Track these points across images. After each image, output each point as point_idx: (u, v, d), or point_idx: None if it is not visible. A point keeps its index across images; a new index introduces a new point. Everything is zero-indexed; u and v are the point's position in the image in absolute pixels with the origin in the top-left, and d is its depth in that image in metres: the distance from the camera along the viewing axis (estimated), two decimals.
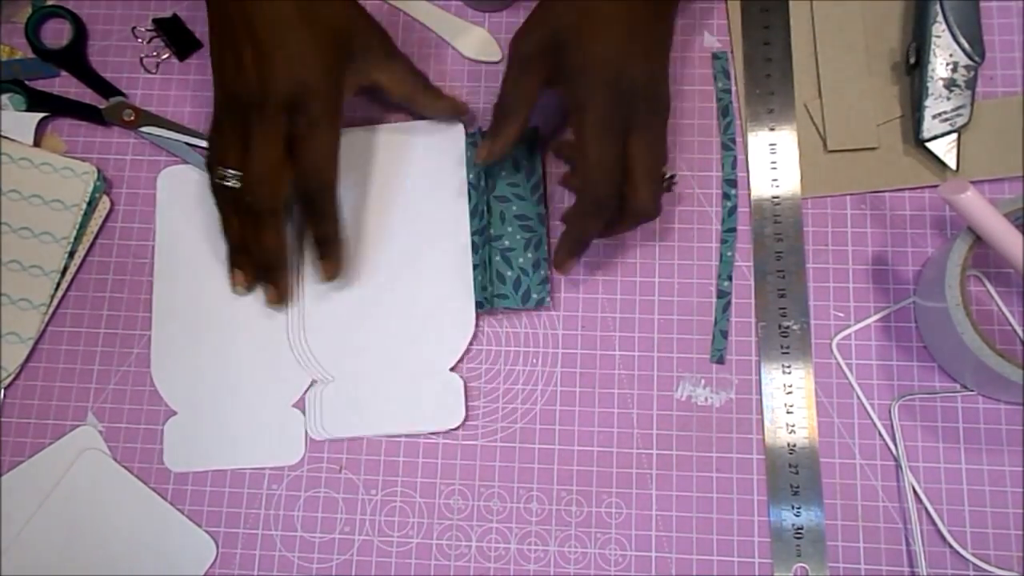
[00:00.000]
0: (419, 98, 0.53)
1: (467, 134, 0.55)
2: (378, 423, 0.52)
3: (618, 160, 0.46)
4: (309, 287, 0.54)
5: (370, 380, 0.52)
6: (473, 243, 0.53)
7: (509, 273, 0.52)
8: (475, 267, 0.52)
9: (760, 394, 0.51)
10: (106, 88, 0.58)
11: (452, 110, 0.54)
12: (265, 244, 0.50)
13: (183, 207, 0.56)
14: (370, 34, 0.50)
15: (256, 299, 0.54)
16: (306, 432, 0.52)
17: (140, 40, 0.59)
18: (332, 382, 0.52)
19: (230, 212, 0.50)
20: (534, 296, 0.52)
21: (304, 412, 0.52)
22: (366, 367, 0.52)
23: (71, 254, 0.55)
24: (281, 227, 0.50)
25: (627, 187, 0.46)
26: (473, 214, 0.53)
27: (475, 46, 0.57)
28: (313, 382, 0.52)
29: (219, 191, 0.50)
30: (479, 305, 0.52)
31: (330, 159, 0.49)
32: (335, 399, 0.52)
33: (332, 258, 0.52)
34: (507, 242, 0.53)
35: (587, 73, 0.45)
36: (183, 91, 0.58)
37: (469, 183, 0.53)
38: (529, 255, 0.52)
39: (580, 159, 0.46)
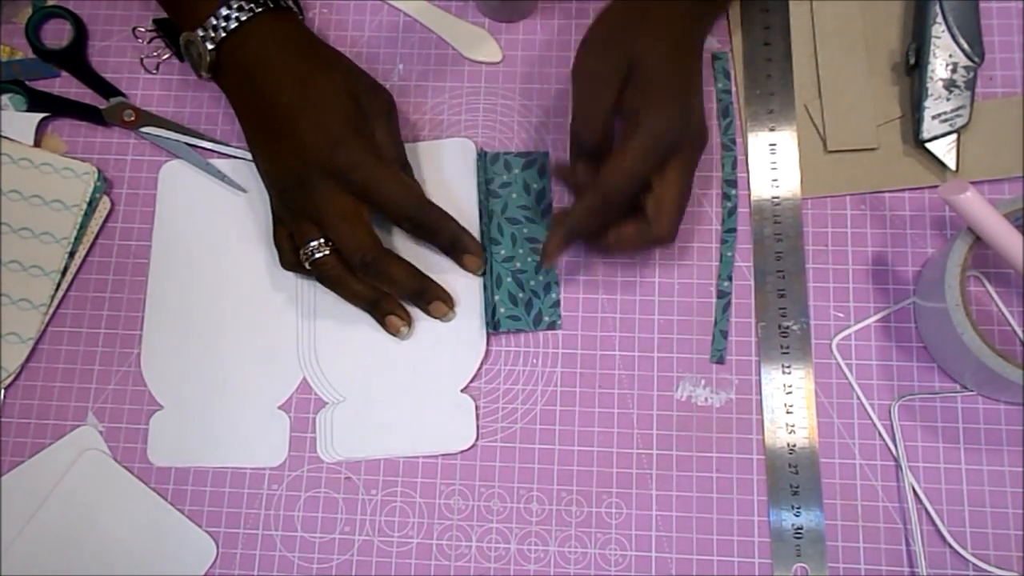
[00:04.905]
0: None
1: (477, 154, 0.55)
2: (389, 444, 0.51)
3: (644, 179, 0.47)
4: (319, 308, 0.53)
5: (382, 401, 0.52)
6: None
7: (521, 295, 0.52)
8: (486, 288, 0.53)
9: (760, 394, 0.51)
10: (106, 88, 0.58)
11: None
12: (400, 278, 0.51)
13: (183, 201, 0.56)
14: (375, 94, 0.51)
15: (249, 300, 0.54)
16: (290, 435, 0.52)
17: (140, 40, 0.59)
18: (343, 403, 0.52)
19: (346, 281, 0.51)
20: (546, 319, 0.52)
21: (289, 415, 0.52)
22: (378, 388, 0.52)
23: (71, 254, 0.55)
24: (396, 255, 0.51)
25: (652, 212, 0.47)
26: (483, 235, 0.53)
27: (475, 47, 0.57)
28: (324, 404, 0.52)
29: (322, 271, 0.50)
30: (491, 327, 0.52)
31: (399, 183, 0.50)
32: (346, 421, 0.52)
33: (469, 251, 0.52)
34: (519, 264, 0.53)
35: (656, 91, 0.46)
36: (183, 91, 0.58)
37: (479, 203, 0.54)
38: (540, 277, 0.53)
39: (615, 159, 0.46)
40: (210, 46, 0.49)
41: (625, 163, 0.46)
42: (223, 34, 0.49)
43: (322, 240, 0.49)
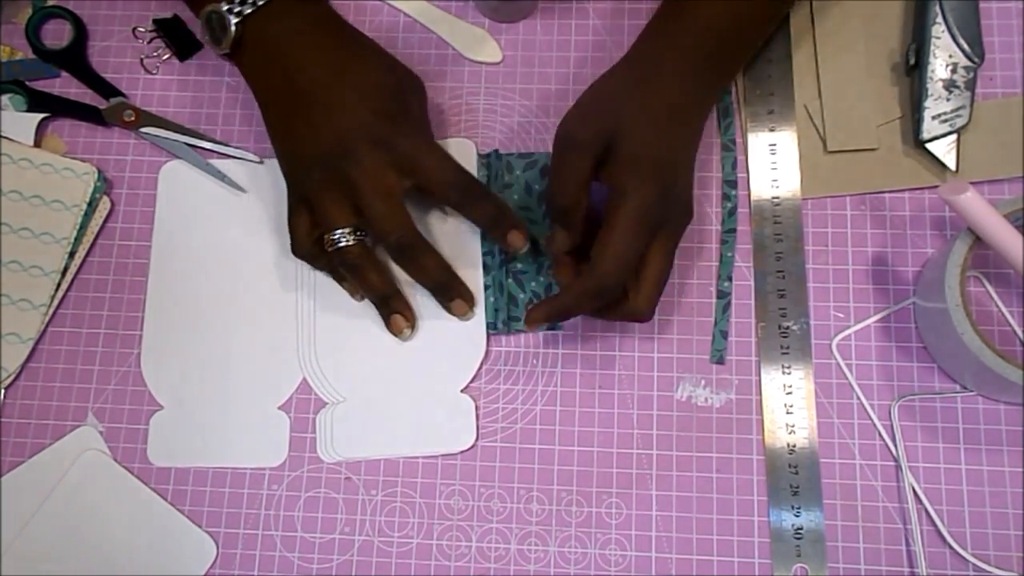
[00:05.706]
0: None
1: (479, 155, 0.55)
2: (389, 444, 0.51)
3: (635, 260, 0.46)
4: (320, 309, 0.53)
5: (381, 402, 0.52)
6: (485, 264, 0.53)
7: (522, 296, 0.52)
8: (487, 288, 0.53)
9: (760, 394, 0.51)
10: (106, 88, 0.58)
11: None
12: (430, 266, 0.50)
13: (182, 201, 0.56)
14: (409, 74, 0.51)
15: (249, 300, 0.54)
16: (290, 435, 0.52)
17: (141, 40, 0.59)
18: (343, 403, 0.52)
19: (365, 271, 0.50)
20: None
21: (289, 415, 0.52)
22: (377, 389, 0.52)
23: (71, 254, 0.55)
24: (430, 244, 0.50)
25: (631, 287, 0.47)
26: (484, 236, 0.53)
27: (475, 47, 0.57)
28: (324, 404, 0.52)
29: (345, 259, 0.50)
30: (492, 327, 0.52)
31: (444, 155, 0.49)
32: (346, 421, 0.52)
33: (516, 226, 0.50)
34: (520, 265, 0.53)
35: (640, 166, 0.45)
36: (183, 91, 0.58)
37: None
38: (541, 279, 0.53)
39: (604, 244, 0.45)
40: (235, 20, 0.49)
41: (614, 247, 0.45)
42: (250, 9, 0.49)
43: (349, 228, 0.49)
